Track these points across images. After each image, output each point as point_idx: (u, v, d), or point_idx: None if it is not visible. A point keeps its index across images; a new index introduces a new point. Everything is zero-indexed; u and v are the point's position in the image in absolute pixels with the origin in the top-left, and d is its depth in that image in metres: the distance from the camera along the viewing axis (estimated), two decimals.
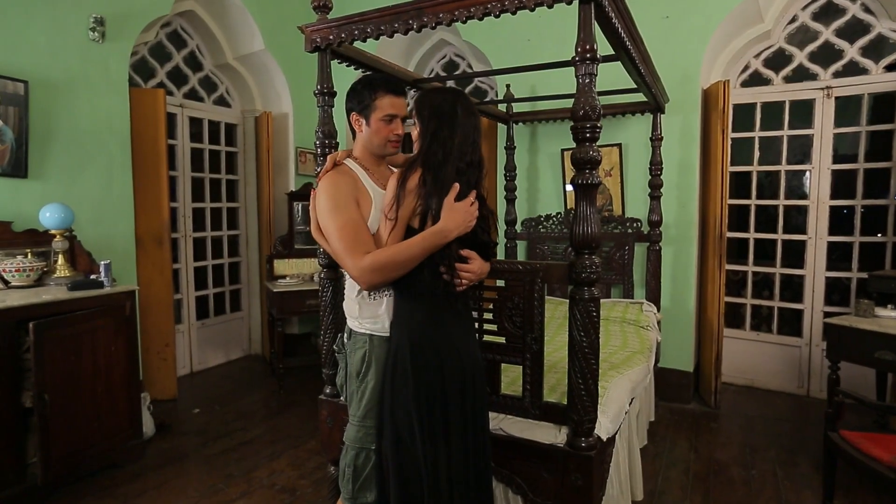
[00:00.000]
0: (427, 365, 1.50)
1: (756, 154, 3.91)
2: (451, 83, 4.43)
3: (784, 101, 3.76)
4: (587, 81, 1.57)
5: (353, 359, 1.67)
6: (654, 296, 3.58)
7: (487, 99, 4.39)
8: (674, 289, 3.71)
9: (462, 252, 1.52)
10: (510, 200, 4.07)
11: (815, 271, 3.72)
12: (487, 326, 1.88)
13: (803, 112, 3.72)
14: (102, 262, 2.81)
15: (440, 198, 1.46)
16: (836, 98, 3.58)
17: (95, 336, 2.61)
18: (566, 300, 3.62)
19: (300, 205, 4.38)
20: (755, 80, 3.86)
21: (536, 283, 1.74)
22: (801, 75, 3.71)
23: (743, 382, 3.99)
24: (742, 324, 4.04)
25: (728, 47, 3.74)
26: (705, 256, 3.68)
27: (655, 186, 3.52)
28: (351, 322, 1.70)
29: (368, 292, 1.61)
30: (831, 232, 3.68)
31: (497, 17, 1.65)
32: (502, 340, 1.85)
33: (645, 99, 3.26)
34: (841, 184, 3.67)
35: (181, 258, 4.26)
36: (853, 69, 3.54)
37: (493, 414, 1.83)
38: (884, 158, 3.55)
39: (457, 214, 1.46)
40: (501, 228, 4.03)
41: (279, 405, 3.70)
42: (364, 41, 1.92)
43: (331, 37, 1.94)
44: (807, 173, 3.82)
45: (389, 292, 1.61)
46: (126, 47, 3.41)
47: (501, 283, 1.88)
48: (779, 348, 3.89)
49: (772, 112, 3.83)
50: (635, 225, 3.70)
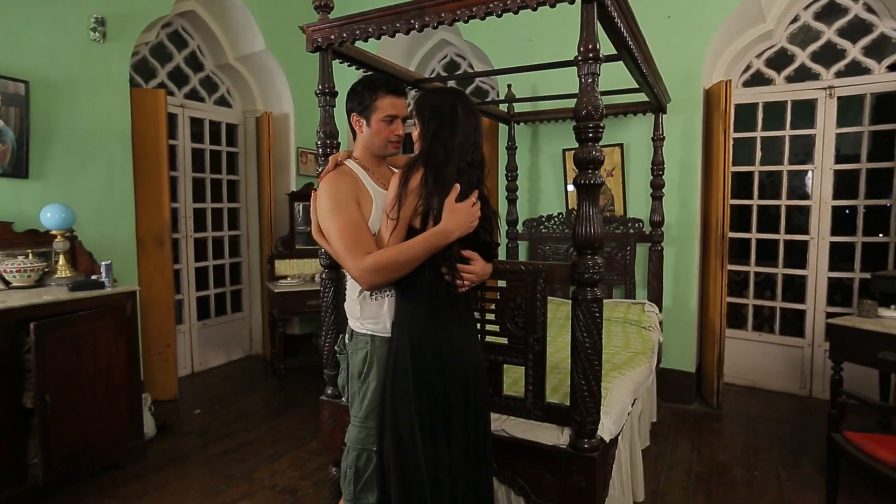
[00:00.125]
0: (428, 366, 1.49)
1: (758, 154, 3.90)
2: (453, 83, 4.42)
3: (786, 101, 3.75)
4: (590, 81, 1.56)
5: (355, 359, 1.67)
6: (656, 296, 3.57)
7: (489, 99, 4.39)
8: (676, 289, 3.70)
9: (464, 253, 1.51)
10: (511, 201, 4.07)
11: (818, 272, 3.71)
12: (490, 327, 1.87)
13: (805, 112, 3.71)
14: (103, 263, 2.81)
15: (442, 198, 1.46)
16: (839, 98, 3.57)
17: (96, 337, 2.60)
18: (568, 300, 3.62)
19: (301, 205, 4.38)
20: (757, 80, 3.85)
21: (539, 284, 1.74)
22: (804, 75, 3.70)
23: (745, 383, 3.98)
24: (744, 324, 4.03)
25: (730, 47, 3.74)
26: (707, 257, 3.67)
27: (657, 186, 3.51)
28: (352, 323, 1.70)
29: (370, 293, 1.61)
30: (834, 232, 3.66)
31: (499, 17, 1.65)
32: (504, 341, 1.85)
33: (646, 99, 3.26)
34: (843, 184, 3.66)
35: (182, 258, 4.25)
36: (855, 69, 3.53)
37: (496, 415, 1.83)
38: (886, 158, 3.54)
39: (458, 215, 1.45)
40: (503, 229, 4.02)
41: (280, 406, 3.70)
42: (365, 41, 1.91)
43: (332, 36, 1.94)
44: (809, 173, 3.80)
45: (391, 292, 1.61)
46: (127, 47, 3.41)
47: (503, 284, 1.87)
48: (781, 349, 3.88)
49: (774, 112, 3.82)
50: (637, 225, 3.69)
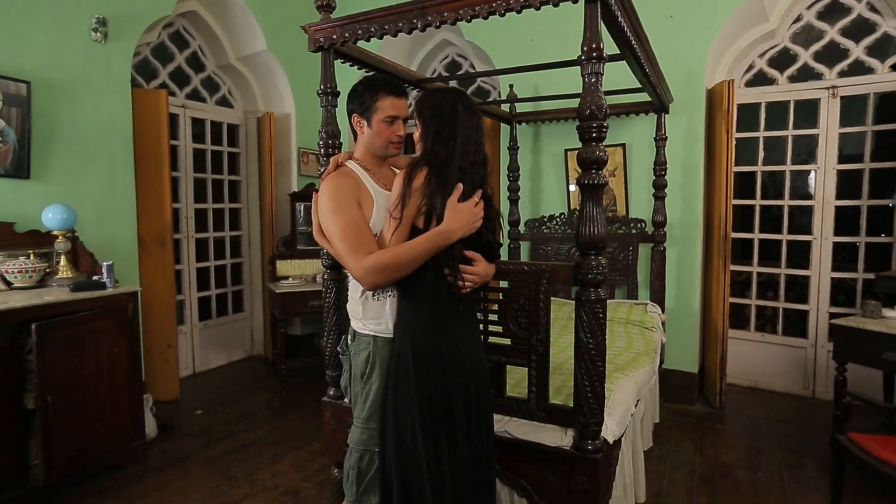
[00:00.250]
0: (430, 367, 1.49)
1: (760, 154, 3.89)
2: (454, 83, 4.41)
3: (789, 101, 3.74)
4: (593, 81, 1.55)
5: (357, 360, 1.67)
6: (659, 297, 3.56)
7: (490, 99, 4.38)
8: (678, 290, 3.69)
9: (466, 253, 1.51)
10: (513, 201, 4.06)
11: (821, 272, 3.69)
12: (492, 328, 1.87)
13: (808, 112, 3.70)
14: (105, 263, 2.80)
15: (444, 197, 1.45)
16: (842, 98, 3.55)
17: (98, 337, 2.60)
18: (570, 301, 3.62)
19: (302, 205, 4.37)
20: (760, 80, 3.84)
21: (542, 285, 1.73)
22: (806, 75, 3.69)
23: (747, 384, 3.97)
24: (746, 325, 4.01)
25: (732, 47, 3.73)
26: (710, 257, 3.66)
27: (659, 187, 3.50)
28: (354, 323, 1.69)
29: (372, 293, 1.60)
30: (837, 232, 3.65)
31: (502, 16, 1.64)
32: (507, 342, 1.84)
33: (649, 99, 3.25)
34: (846, 184, 3.64)
35: (183, 259, 4.25)
36: (859, 68, 3.52)
37: (499, 416, 1.82)
38: (890, 158, 3.52)
39: (460, 216, 1.44)
40: (505, 229, 4.02)
41: (281, 406, 3.69)
42: (367, 41, 1.91)
43: (334, 36, 1.93)
44: (812, 173, 3.79)
45: (393, 293, 1.60)
46: (128, 48, 3.41)
47: (504, 284, 1.87)
48: (784, 349, 3.86)
49: (776, 112, 3.81)
50: (639, 225, 3.68)
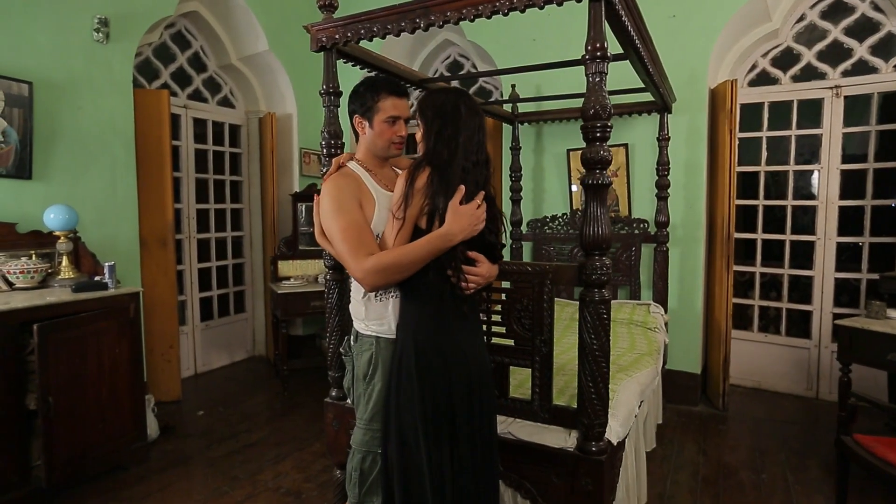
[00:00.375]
0: (432, 368, 1.48)
1: (764, 154, 3.88)
2: (456, 83, 4.40)
3: (792, 101, 3.72)
4: (597, 80, 1.54)
5: (360, 361, 1.66)
6: (662, 297, 3.55)
7: (492, 99, 4.37)
8: (681, 290, 3.67)
9: (469, 254, 1.50)
10: (515, 201, 4.05)
11: (824, 272, 3.68)
12: (496, 328, 1.86)
13: (811, 112, 3.69)
14: (106, 264, 2.80)
15: (447, 197, 1.44)
16: (845, 97, 3.54)
17: (100, 338, 2.59)
18: (572, 301, 3.61)
19: (304, 206, 4.37)
20: (763, 80, 3.83)
21: (546, 285, 1.72)
22: (810, 74, 3.68)
23: (751, 384, 3.95)
24: (750, 325, 4.00)
25: (735, 46, 3.72)
26: (713, 257, 3.65)
27: (662, 187, 3.49)
28: (357, 324, 1.69)
29: (374, 294, 1.59)
30: (840, 232, 3.64)
31: (505, 15, 1.63)
32: (511, 343, 1.83)
33: (651, 99, 3.24)
34: (850, 184, 3.63)
35: (185, 259, 4.24)
36: (862, 68, 3.51)
37: (502, 417, 1.81)
38: (894, 158, 3.51)
39: (462, 218, 1.43)
40: (507, 229, 4.00)
41: (283, 407, 3.68)
42: (370, 40, 1.90)
43: (337, 36, 1.92)
44: (815, 173, 3.78)
45: (396, 293, 1.59)
46: (130, 48, 3.40)
47: (507, 285, 1.86)
48: (787, 350, 3.85)
49: (779, 112, 3.79)
50: (642, 226, 3.66)
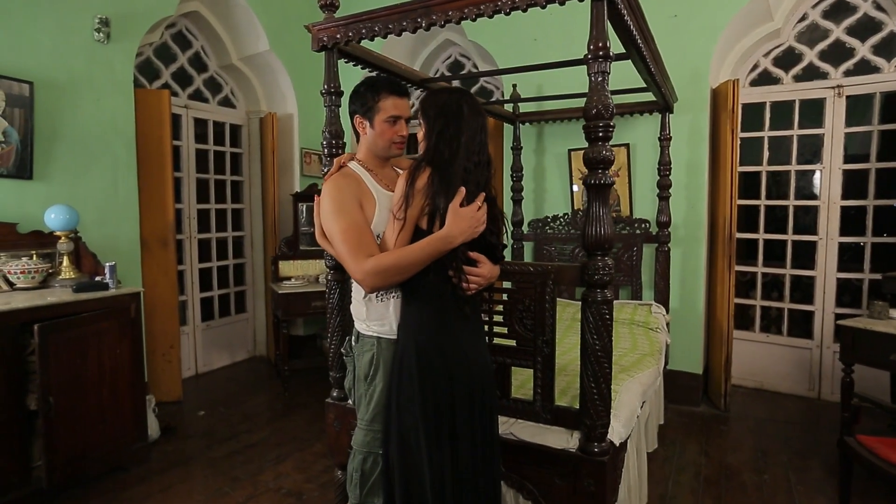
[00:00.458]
0: (433, 369, 1.47)
1: (765, 154, 3.87)
2: (457, 83, 4.40)
3: (794, 101, 3.71)
4: (600, 79, 1.54)
5: (361, 362, 1.66)
6: (663, 297, 3.54)
7: (493, 99, 4.36)
8: (683, 290, 3.67)
9: (471, 255, 1.50)
10: (517, 201, 4.04)
11: (826, 272, 3.67)
12: (497, 329, 1.85)
13: (813, 111, 3.68)
14: (107, 264, 2.79)
15: (448, 198, 1.44)
16: (847, 97, 3.53)
17: (100, 338, 2.59)
18: (573, 301, 3.60)
19: (305, 206, 4.36)
20: (764, 80, 3.82)
21: (548, 286, 1.71)
22: (812, 74, 3.67)
23: (752, 385, 3.95)
24: (751, 325, 3.99)
25: (737, 46, 3.71)
26: (714, 257, 3.64)
27: (664, 187, 3.48)
28: (358, 324, 1.68)
29: (375, 294, 1.59)
30: (842, 232, 3.62)
31: (507, 15, 1.62)
32: (513, 343, 1.82)
33: (653, 98, 3.23)
34: (852, 184, 3.62)
35: (186, 260, 4.24)
36: (865, 68, 3.50)
37: (504, 418, 1.81)
38: None
39: (462, 221, 1.43)
40: (508, 229, 3.99)
41: (284, 407, 3.68)
42: (372, 40, 1.89)
43: (338, 35, 1.92)
44: (817, 173, 3.77)
45: (397, 294, 1.59)
46: (131, 48, 3.40)
47: (508, 285, 1.85)
48: (789, 350, 3.84)
49: (781, 111, 3.79)
50: (644, 226, 3.66)
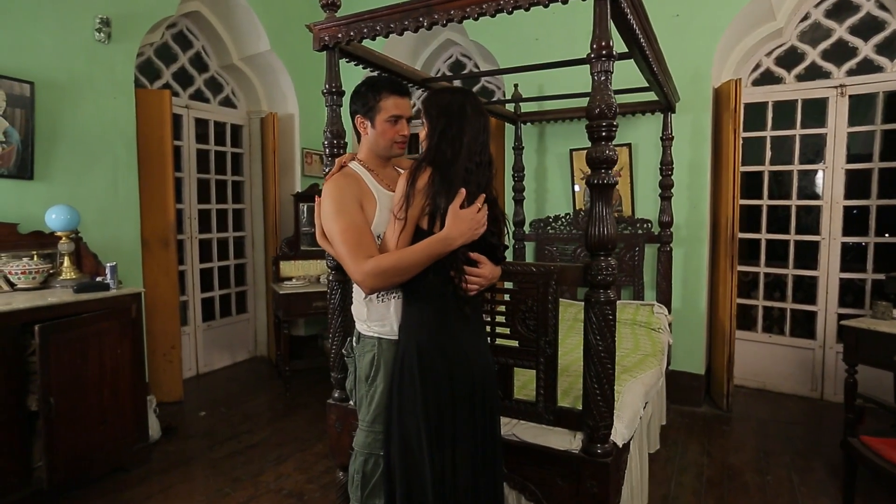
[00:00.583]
0: (435, 369, 1.47)
1: (768, 154, 3.86)
2: (459, 82, 4.39)
3: (796, 100, 3.70)
4: (603, 79, 1.53)
5: (362, 362, 1.65)
6: (665, 297, 3.53)
7: (495, 99, 4.36)
8: (685, 290, 3.65)
9: (472, 256, 1.49)
10: (518, 201, 4.03)
11: (829, 272, 3.65)
12: (500, 329, 1.84)
13: (816, 111, 3.66)
14: (108, 264, 2.79)
15: (448, 198, 1.43)
16: (850, 96, 3.52)
17: (101, 339, 2.58)
18: (575, 302, 3.59)
19: (306, 206, 4.36)
20: (767, 79, 3.81)
21: (551, 286, 1.71)
22: (814, 73, 3.66)
23: (755, 385, 3.93)
24: (753, 326, 3.98)
25: (739, 45, 3.69)
26: (717, 257, 3.63)
27: (666, 187, 3.47)
28: (359, 325, 1.68)
29: (376, 294, 1.58)
30: (845, 232, 3.61)
31: (510, 14, 1.62)
32: (515, 344, 1.82)
33: (655, 98, 3.21)
34: (855, 184, 3.61)
35: (187, 260, 4.24)
36: (867, 67, 3.48)
37: (506, 419, 1.80)
38: None
39: (462, 223, 1.42)
40: (510, 230, 3.98)
41: (285, 408, 3.67)
42: (373, 39, 1.89)
43: (339, 35, 1.91)
44: (820, 173, 3.75)
45: (398, 294, 1.58)
46: (132, 48, 3.40)
47: (510, 286, 1.84)
48: (791, 350, 3.83)
49: (784, 111, 3.77)
50: (646, 226, 3.65)
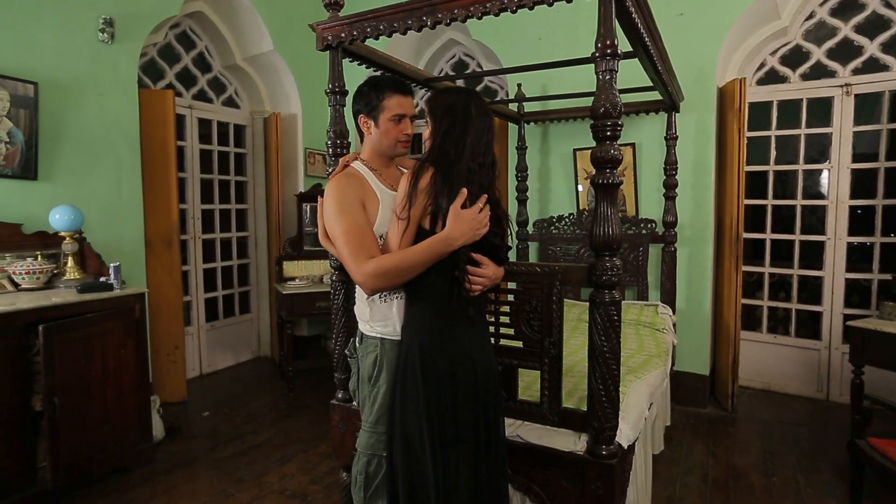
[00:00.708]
0: (437, 370, 1.46)
1: (773, 153, 3.84)
2: (461, 82, 4.38)
3: (801, 99, 3.68)
4: (608, 78, 1.52)
5: (365, 363, 1.64)
6: (669, 298, 3.52)
7: (498, 98, 4.35)
8: (689, 291, 3.64)
9: (474, 257, 1.48)
10: (521, 201, 4.02)
11: (835, 273, 3.63)
12: (504, 330, 1.83)
13: (821, 110, 3.64)
14: (112, 265, 2.79)
15: (450, 199, 1.42)
16: (856, 96, 3.49)
17: (105, 339, 2.59)
18: (579, 302, 3.58)
19: (309, 206, 4.36)
20: (771, 78, 3.79)
21: (555, 286, 1.70)
22: (819, 73, 3.63)
23: (760, 386, 3.91)
24: (758, 326, 3.96)
25: (744, 44, 3.67)
26: (721, 258, 3.61)
27: (670, 186, 3.46)
28: (362, 325, 1.67)
29: (379, 294, 1.57)
30: (851, 232, 3.59)
31: (514, 13, 1.61)
32: (519, 345, 1.81)
33: (659, 97, 3.20)
34: (860, 183, 3.58)
35: (190, 260, 4.24)
36: (873, 66, 3.46)
37: (510, 420, 1.79)
38: None
39: (463, 223, 1.41)
40: (513, 230, 3.97)
41: (289, 408, 3.67)
42: (377, 38, 1.88)
43: (342, 34, 1.90)
44: (825, 172, 3.73)
45: (400, 294, 1.57)
46: (135, 48, 3.40)
47: (513, 286, 1.83)
48: (797, 351, 3.80)
49: (789, 110, 3.75)
50: (650, 226, 3.63)
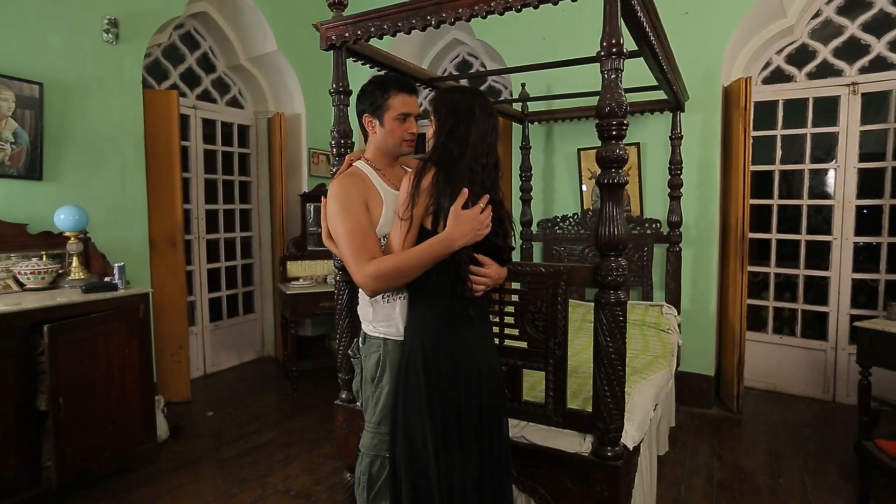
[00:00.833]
0: (440, 372, 1.45)
1: (778, 153, 3.81)
2: (465, 82, 4.37)
3: (807, 99, 3.65)
4: (613, 77, 1.51)
5: (368, 363, 1.64)
6: (674, 298, 3.50)
7: (502, 98, 4.34)
8: (694, 291, 3.62)
9: (476, 257, 1.47)
10: (526, 201, 4.01)
11: (841, 273, 3.60)
12: (508, 331, 1.83)
13: (828, 109, 3.62)
14: (116, 265, 2.80)
15: (452, 198, 1.42)
16: (863, 94, 3.47)
17: (109, 339, 2.59)
18: (583, 302, 3.57)
19: (313, 206, 4.36)
20: (777, 77, 3.76)
21: (560, 287, 1.68)
22: (826, 71, 3.61)
23: (765, 387, 3.89)
24: (764, 327, 3.93)
25: (749, 43, 3.65)
26: (726, 258, 3.59)
27: (675, 186, 3.44)
28: (365, 326, 1.67)
29: (382, 295, 1.57)
30: (858, 232, 3.56)
31: (518, 12, 1.60)
32: (524, 345, 1.80)
33: (664, 97, 3.18)
34: (867, 183, 3.55)
35: (194, 260, 4.25)
36: (880, 64, 3.43)
37: (515, 421, 1.78)
38: None
39: (463, 224, 1.40)
40: (517, 230, 3.96)
41: (292, 408, 3.67)
42: (381, 38, 1.87)
43: (346, 34, 1.90)
44: (831, 172, 3.71)
45: (403, 295, 1.57)
46: (139, 49, 3.41)
47: (517, 286, 1.82)
48: (802, 352, 3.78)
49: (794, 109, 3.73)
50: (654, 226, 3.61)
